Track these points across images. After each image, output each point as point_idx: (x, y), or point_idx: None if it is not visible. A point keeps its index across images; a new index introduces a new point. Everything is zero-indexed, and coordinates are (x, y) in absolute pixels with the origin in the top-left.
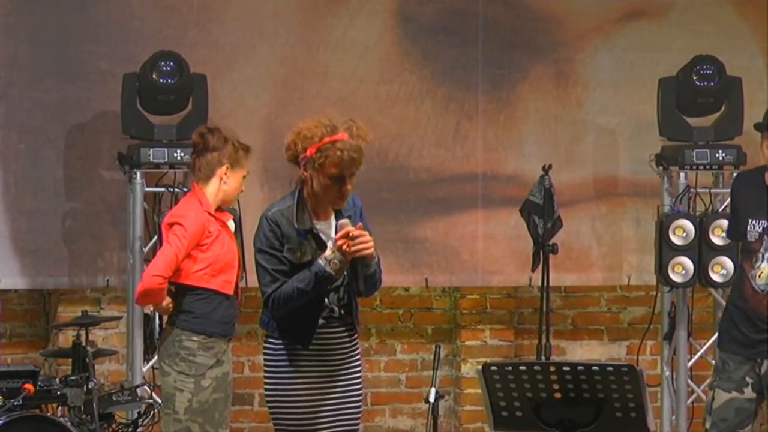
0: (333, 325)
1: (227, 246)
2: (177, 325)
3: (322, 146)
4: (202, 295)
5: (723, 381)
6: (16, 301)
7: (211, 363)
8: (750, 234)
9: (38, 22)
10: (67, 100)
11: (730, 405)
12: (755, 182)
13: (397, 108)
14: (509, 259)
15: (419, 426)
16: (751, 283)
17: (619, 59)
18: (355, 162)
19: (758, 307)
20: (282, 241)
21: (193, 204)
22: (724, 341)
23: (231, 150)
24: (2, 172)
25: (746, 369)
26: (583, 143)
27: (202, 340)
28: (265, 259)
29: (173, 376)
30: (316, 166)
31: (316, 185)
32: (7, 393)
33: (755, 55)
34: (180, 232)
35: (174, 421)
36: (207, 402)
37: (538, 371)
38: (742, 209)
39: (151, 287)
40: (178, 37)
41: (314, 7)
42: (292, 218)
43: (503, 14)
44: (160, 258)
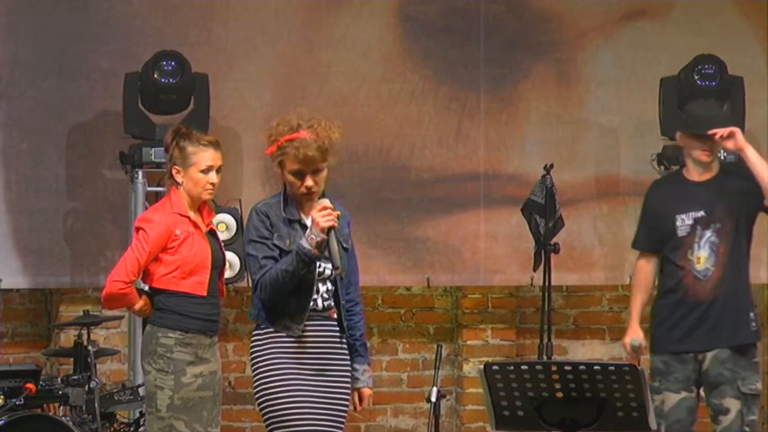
0: (320, 318)
1: (197, 248)
2: (153, 322)
3: (281, 144)
4: (176, 295)
5: (671, 383)
6: (17, 301)
7: (191, 359)
8: (680, 229)
9: (39, 21)
10: (69, 100)
11: (682, 405)
12: (676, 182)
13: (399, 107)
14: (511, 258)
15: (421, 425)
16: (691, 272)
17: (620, 58)
18: (314, 159)
19: (701, 294)
20: (271, 230)
21: (163, 206)
22: (663, 343)
23: (176, 152)
24: (4, 171)
25: (691, 367)
26: (585, 143)
27: (179, 337)
28: (255, 249)
29: (153, 374)
30: (278, 164)
31: (285, 181)
32: (9, 392)
33: (757, 55)
34: (143, 237)
35: (157, 419)
36: (191, 399)
37: (539, 371)
38: (665, 210)
39: (112, 292)
40: (180, 36)
41: (316, 6)
42: (280, 209)
43: (504, 13)
44: (122, 263)
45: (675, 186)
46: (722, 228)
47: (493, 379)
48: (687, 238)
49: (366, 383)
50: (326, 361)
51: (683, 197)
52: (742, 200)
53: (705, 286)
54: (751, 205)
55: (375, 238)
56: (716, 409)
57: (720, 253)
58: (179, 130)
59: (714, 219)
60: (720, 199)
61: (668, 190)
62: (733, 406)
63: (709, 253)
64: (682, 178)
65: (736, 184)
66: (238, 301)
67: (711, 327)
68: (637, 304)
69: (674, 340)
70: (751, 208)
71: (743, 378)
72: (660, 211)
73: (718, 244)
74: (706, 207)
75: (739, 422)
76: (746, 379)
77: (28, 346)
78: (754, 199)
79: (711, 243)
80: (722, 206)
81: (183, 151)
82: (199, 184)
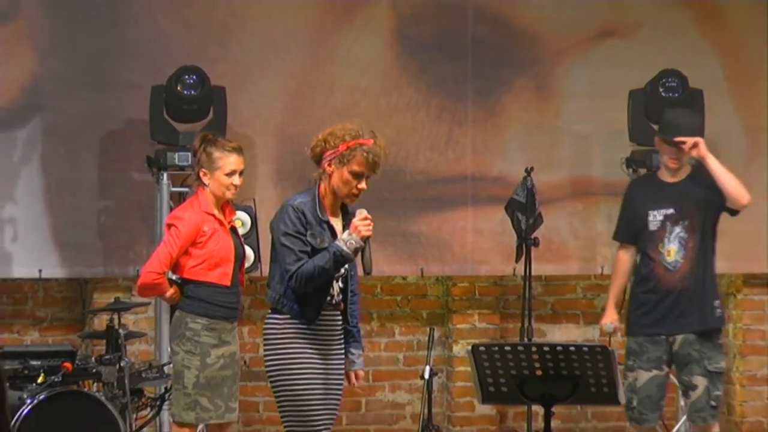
0: (329, 309)
1: (222, 242)
2: (183, 309)
3: (352, 145)
4: (203, 285)
5: (643, 362)
6: (56, 289)
7: (215, 342)
8: (652, 224)
9: (76, 40)
10: (102, 110)
11: (653, 382)
12: (650, 182)
13: (396, 117)
14: (495, 251)
15: (415, 400)
16: (662, 264)
17: (593, 73)
18: (376, 165)
19: (671, 283)
20: (306, 227)
21: (191, 205)
22: (639, 327)
23: (203, 157)
24: (44, 174)
25: (662, 348)
26: (561, 148)
27: (205, 322)
28: (290, 241)
29: (181, 355)
30: (344, 161)
31: (337, 179)
32: (48, 371)
33: (715, 69)
34: (174, 233)
35: (184, 395)
36: (214, 378)
37: (521, 351)
38: (640, 206)
39: (146, 282)
40: (200, 52)
41: (322, 26)
42: (315, 209)
43: (490, 33)
44: (155, 256)
45: (649, 185)
46: (690, 224)
47: (480, 359)
48: (658, 232)
49: (360, 366)
50: (330, 346)
51: (656, 196)
52: (709, 201)
53: (675, 276)
54: (715, 206)
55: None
56: (686, 385)
57: (688, 247)
58: (206, 137)
59: (683, 216)
60: (688, 199)
61: (643, 189)
62: (700, 383)
63: (678, 247)
64: (656, 178)
65: (704, 186)
66: (253, 289)
67: (681, 313)
68: (614, 290)
69: (648, 324)
70: (715, 208)
71: (709, 358)
72: (635, 207)
73: (686, 239)
74: (675, 205)
75: (706, 396)
76: (712, 359)
77: (65, 330)
78: (718, 200)
79: (680, 238)
80: (690, 205)
81: (210, 156)
82: (224, 185)
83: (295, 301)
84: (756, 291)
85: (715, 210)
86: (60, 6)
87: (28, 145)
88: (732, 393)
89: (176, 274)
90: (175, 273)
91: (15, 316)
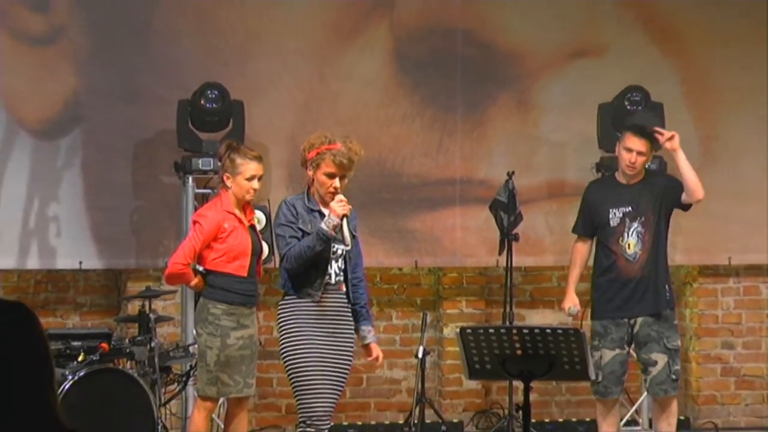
0: (332, 291)
1: (240, 238)
2: (205, 296)
3: (321, 151)
4: (223, 275)
5: (608, 342)
6: (94, 279)
7: (234, 325)
8: (612, 220)
9: (112, 60)
10: (134, 121)
11: (616, 360)
12: (609, 183)
13: (393, 127)
14: (481, 245)
15: (410, 376)
16: (623, 256)
17: (566, 88)
18: (344, 166)
19: (631, 272)
20: (296, 217)
21: (215, 205)
22: (604, 311)
23: (227, 162)
24: (84, 177)
25: (624, 330)
26: (539, 154)
27: (225, 308)
28: (282, 230)
29: (204, 337)
30: (315, 166)
31: (317, 181)
32: (88, 350)
33: (674, 85)
34: (198, 229)
35: (206, 372)
36: (234, 357)
37: (503, 333)
38: (600, 205)
39: (172, 272)
40: (221, 70)
41: (328, 46)
42: (304, 201)
43: (477, 54)
44: (181, 249)
45: (609, 187)
46: (646, 220)
47: (467, 340)
48: (618, 227)
49: (372, 339)
50: (337, 324)
51: (615, 196)
52: (661, 200)
53: (634, 266)
54: (667, 203)
55: (374, 230)
56: (646, 362)
57: (645, 240)
58: (231, 145)
59: (639, 213)
60: (644, 199)
61: (603, 190)
62: (660, 359)
63: (636, 240)
64: (615, 180)
65: (657, 187)
66: (267, 278)
67: (639, 298)
68: (573, 277)
69: (611, 308)
70: (667, 205)
71: (667, 337)
72: (596, 206)
73: (643, 233)
74: (632, 204)
75: (667, 371)
76: (669, 337)
77: (102, 314)
78: (670, 198)
79: (638, 232)
80: (645, 204)
81: (233, 162)
82: (244, 188)
83: (296, 281)
84: (710, 280)
85: (666, 208)
86: (98, 30)
87: (70, 152)
88: (689, 370)
89: (200, 265)
90: (199, 264)
91: (58, 303)
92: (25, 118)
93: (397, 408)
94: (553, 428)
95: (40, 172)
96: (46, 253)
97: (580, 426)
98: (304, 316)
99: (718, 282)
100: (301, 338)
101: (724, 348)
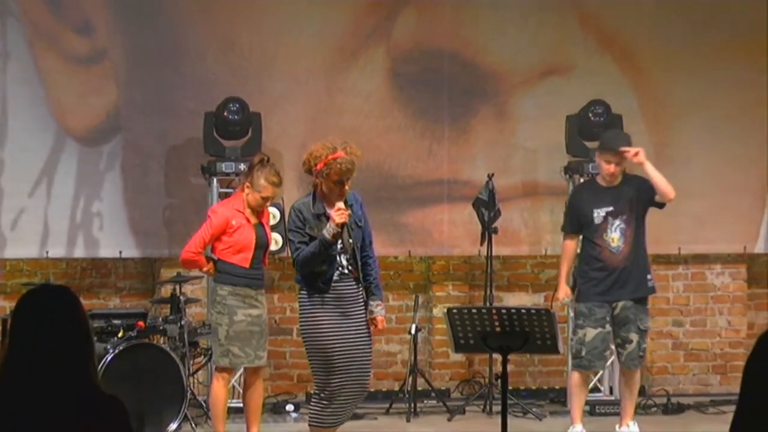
0: (345, 280)
1: (245, 234)
2: (215, 280)
3: (328, 162)
4: (229, 264)
5: (591, 322)
6: (132, 266)
7: (239, 304)
8: (596, 219)
9: (147, 77)
10: (167, 130)
11: (598, 337)
12: (592, 186)
13: (390, 135)
14: (465, 237)
15: (404, 350)
16: (608, 249)
17: (539, 102)
18: (350, 171)
19: (616, 263)
20: (304, 222)
21: (228, 202)
22: (588, 295)
23: (254, 175)
24: (123, 179)
25: (605, 311)
26: (515, 159)
27: (230, 289)
28: (293, 236)
29: (215, 315)
30: (323, 176)
31: (325, 188)
32: (126, 327)
33: (631, 100)
34: (209, 222)
35: (219, 345)
36: (243, 332)
37: (485, 313)
38: (586, 206)
39: (184, 258)
40: (241, 86)
41: (333, 66)
42: (310, 207)
43: (461, 72)
44: (193, 239)
45: (592, 190)
46: (626, 218)
47: (453, 319)
48: (602, 224)
49: (380, 313)
50: (351, 308)
51: (597, 197)
52: (638, 200)
53: (618, 257)
54: (642, 202)
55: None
56: (623, 339)
57: (627, 234)
58: (263, 160)
59: (620, 212)
60: (623, 199)
61: (587, 193)
62: (634, 338)
63: (619, 235)
64: (597, 184)
65: (633, 189)
66: (281, 265)
67: (622, 285)
68: (565, 271)
69: (596, 293)
70: (643, 205)
71: (641, 319)
72: (581, 207)
73: (624, 228)
74: (613, 204)
75: (637, 349)
76: (642, 320)
77: (139, 297)
78: (645, 198)
79: (620, 228)
80: (625, 204)
81: (257, 179)
82: (256, 203)
83: (308, 278)
84: (662, 267)
85: (642, 206)
86: (135, 52)
87: (111, 156)
88: None
89: (212, 254)
90: (212, 253)
91: (101, 287)
92: (72, 128)
93: (393, 377)
94: (527, 395)
95: (85, 174)
96: (90, 243)
97: (551, 392)
98: (319, 306)
99: (670, 269)
100: (319, 324)
101: (675, 326)
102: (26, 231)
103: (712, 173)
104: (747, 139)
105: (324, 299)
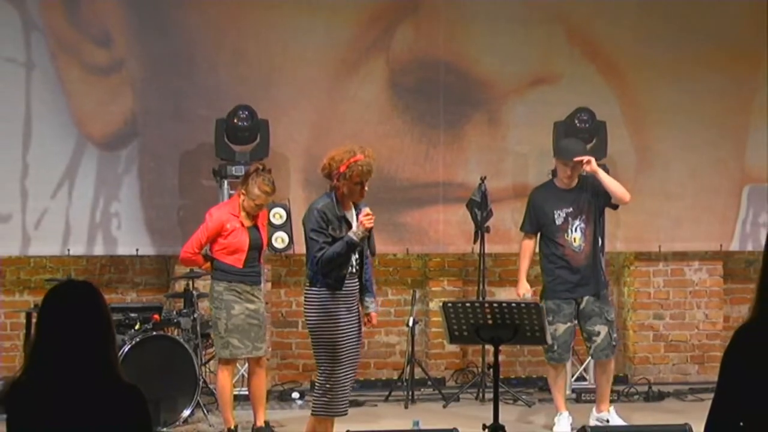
0: (352, 278)
1: (239, 237)
2: (212, 277)
3: (349, 164)
4: (224, 263)
5: (560, 317)
6: (148, 263)
7: (235, 299)
8: (557, 219)
9: (162, 86)
10: (180, 135)
11: (567, 331)
12: (551, 189)
13: (389, 140)
14: (459, 236)
15: (402, 341)
16: (570, 248)
17: (529, 109)
18: (369, 173)
19: (578, 261)
20: (327, 224)
21: (225, 205)
22: (556, 292)
23: (248, 183)
24: (140, 181)
25: (572, 307)
26: (506, 163)
27: (226, 285)
28: (317, 235)
29: (214, 311)
30: (346, 178)
31: (346, 190)
32: (143, 320)
33: (614, 107)
34: (204, 225)
35: (219, 338)
36: (241, 325)
37: (477, 306)
38: (546, 207)
39: (182, 257)
40: (250, 95)
41: (336, 76)
42: (334, 210)
43: (456, 81)
44: (190, 240)
45: (551, 191)
46: (586, 218)
47: (449, 312)
48: (562, 225)
49: (374, 309)
50: (352, 304)
51: (557, 199)
52: (595, 201)
53: (580, 256)
54: (599, 204)
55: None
56: (590, 332)
57: (587, 234)
58: (258, 170)
59: (579, 213)
60: (581, 201)
61: (547, 194)
62: (602, 330)
63: (580, 235)
64: (555, 186)
65: (590, 191)
66: (288, 262)
67: (585, 282)
68: (524, 268)
69: (562, 290)
70: (599, 206)
71: (606, 311)
72: (542, 208)
73: (584, 228)
74: (573, 205)
75: (608, 339)
76: (608, 311)
77: (155, 291)
78: (600, 199)
79: (580, 228)
80: (583, 205)
81: (251, 187)
82: (250, 208)
83: (324, 276)
84: (644, 264)
85: (599, 207)
86: (151, 62)
87: (129, 160)
88: (627, 337)
89: (210, 254)
90: (210, 252)
91: (119, 282)
92: (92, 134)
93: (392, 367)
94: (518, 383)
95: (104, 177)
96: (109, 242)
97: (540, 381)
98: (330, 301)
99: (650, 265)
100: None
101: (655, 319)
102: (49, 230)
103: (690, 176)
104: (723, 143)
105: (335, 295)
